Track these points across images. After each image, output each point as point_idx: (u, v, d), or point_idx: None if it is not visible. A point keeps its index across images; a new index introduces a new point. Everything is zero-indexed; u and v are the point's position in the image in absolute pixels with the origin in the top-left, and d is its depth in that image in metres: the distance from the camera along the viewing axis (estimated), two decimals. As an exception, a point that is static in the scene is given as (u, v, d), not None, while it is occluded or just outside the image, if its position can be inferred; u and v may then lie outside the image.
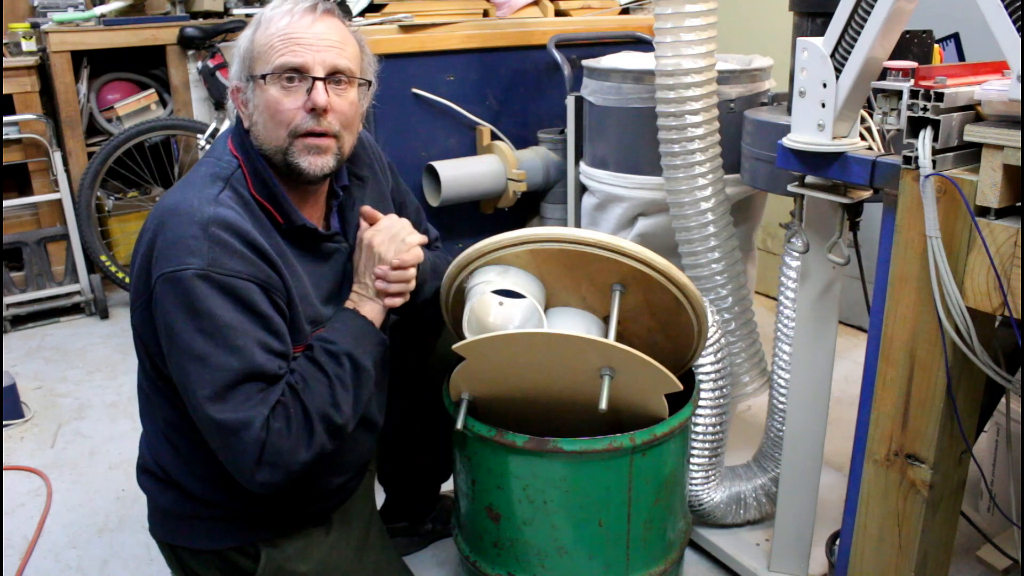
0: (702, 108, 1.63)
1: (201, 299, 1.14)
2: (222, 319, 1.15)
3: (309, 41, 1.23)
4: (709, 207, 1.69)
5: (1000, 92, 1.02)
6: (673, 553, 1.50)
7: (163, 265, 1.16)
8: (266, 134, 1.26)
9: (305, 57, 1.23)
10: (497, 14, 2.29)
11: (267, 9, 1.27)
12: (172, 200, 1.22)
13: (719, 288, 1.76)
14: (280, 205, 1.27)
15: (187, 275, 1.14)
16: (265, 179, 1.27)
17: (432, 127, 2.16)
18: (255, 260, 1.19)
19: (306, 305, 1.29)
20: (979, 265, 1.06)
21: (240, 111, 1.30)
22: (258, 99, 1.25)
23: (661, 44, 1.62)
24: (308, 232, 1.30)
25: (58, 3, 3.38)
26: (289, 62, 1.22)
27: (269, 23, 1.25)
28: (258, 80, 1.24)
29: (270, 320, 1.20)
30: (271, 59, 1.23)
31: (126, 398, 2.62)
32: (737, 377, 1.83)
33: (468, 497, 1.47)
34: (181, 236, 1.16)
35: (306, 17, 1.24)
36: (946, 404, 1.15)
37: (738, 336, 1.80)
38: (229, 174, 1.26)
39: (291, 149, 1.25)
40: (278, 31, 1.24)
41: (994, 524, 1.84)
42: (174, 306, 1.16)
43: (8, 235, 3.21)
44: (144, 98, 3.55)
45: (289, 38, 1.23)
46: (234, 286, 1.16)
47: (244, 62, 1.27)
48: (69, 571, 1.87)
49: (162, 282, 1.16)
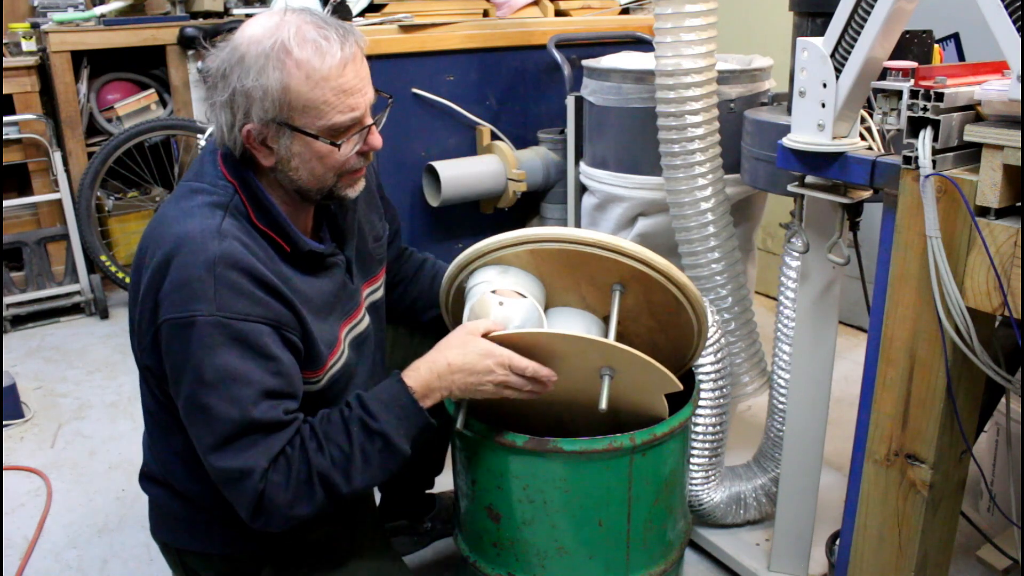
0: (702, 108, 1.63)
1: (207, 348, 1.11)
2: (226, 369, 1.12)
3: (357, 86, 1.17)
4: (709, 207, 1.69)
5: (1000, 92, 1.02)
6: (673, 553, 1.50)
7: (169, 310, 1.13)
8: (310, 178, 1.21)
9: (359, 105, 1.17)
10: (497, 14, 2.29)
11: (293, 49, 1.13)
12: (174, 233, 1.15)
13: (719, 288, 1.76)
14: (286, 234, 1.22)
15: (195, 321, 1.11)
16: (268, 207, 1.22)
17: (432, 127, 2.16)
18: (264, 298, 1.15)
19: (321, 325, 1.26)
20: (979, 265, 1.06)
21: (253, 151, 1.19)
22: (299, 147, 1.18)
23: (661, 44, 1.62)
24: (313, 254, 1.27)
25: (58, 3, 3.38)
26: (352, 118, 1.17)
27: (310, 72, 1.13)
28: (302, 133, 1.16)
29: (278, 362, 1.16)
30: (327, 116, 1.15)
31: (126, 398, 2.62)
32: (737, 377, 1.83)
33: (468, 497, 1.47)
34: (187, 278, 1.12)
35: (351, 63, 1.16)
36: (946, 404, 1.15)
37: (738, 336, 1.80)
38: (227, 201, 1.19)
39: (337, 185, 1.23)
40: (329, 85, 1.14)
41: (994, 524, 1.84)
42: (179, 353, 1.13)
43: (8, 235, 3.21)
44: (144, 98, 3.55)
45: (342, 90, 1.15)
46: (242, 331, 1.13)
47: (278, 109, 1.14)
48: (69, 571, 1.87)
49: (168, 327, 1.13)
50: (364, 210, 1.44)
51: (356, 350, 1.37)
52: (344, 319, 1.35)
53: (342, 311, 1.34)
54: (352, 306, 1.37)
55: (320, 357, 1.26)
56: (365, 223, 1.44)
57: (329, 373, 1.29)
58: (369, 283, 1.45)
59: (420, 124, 2.14)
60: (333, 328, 1.30)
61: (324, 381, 1.29)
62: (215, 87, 1.17)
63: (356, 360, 1.37)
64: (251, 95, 1.14)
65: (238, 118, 1.16)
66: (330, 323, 1.30)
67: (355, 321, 1.38)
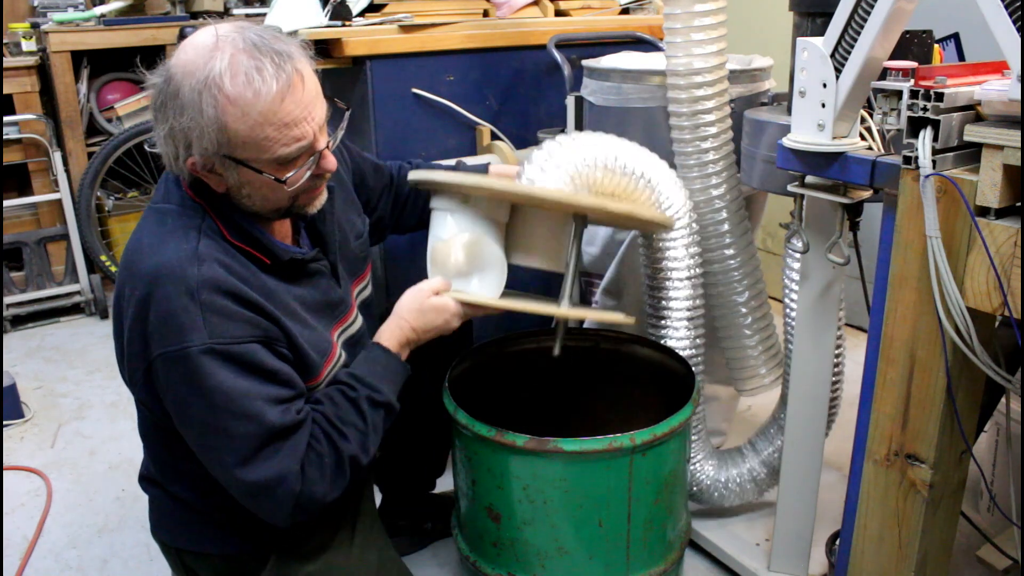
0: (714, 107, 1.63)
1: (208, 376, 1.11)
2: (233, 389, 1.12)
3: (299, 115, 1.11)
4: (724, 205, 1.70)
5: (1000, 92, 1.02)
6: (673, 553, 1.50)
7: (161, 344, 1.12)
8: (262, 203, 1.19)
9: (304, 135, 1.12)
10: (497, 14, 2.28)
11: (225, 83, 1.07)
12: (152, 264, 1.13)
13: (735, 284, 1.75)
14: (263, 246, 1.21)
15: (190, 353, 1.10)
16: (239, 223, 1.20)
17: (432, 127, 2.15)
18: (252, 317, 1.15)
19: (311, 335, 1.26)
20: (979, 265, 1.05)
21: (203, 177, 1.16)
22: (249, 178, 1.15)
23: (672, 44, 1.62)
24: (294, 262, 1.26)
25: (58, 3, 3.38)
26: (299, 148, 1.13)
27: (246, 107, 1.07)
28: (247, 167, 1.13)
29: (278, 373, 1.17)
30: (270, 150, 1.11)
31: (126, 398, 2.61)
32: (755, 369, 1.84)
33: (468, 497, 1.47)
34: (172, 310, 1.10)
35: (284, 95, 1.09)
36: (946, 404, 1.15)
37: (754, 329, 1.80)
38: (199, 222, 1.17)
39: (294, 205, 1.22)
40: (268, 120, 1.09)
41: (994, 524, 1.84)
42: (181, 386, 1.13)
43: (8, 235, 3.21)
44: (144, 98, 3.54)
45: (283, 124, 1.10)
46: (237, 353, 1.13)
47: (215, 144, 1.10)
48: (69, 571, 1.87)
49: (162, 362, 1.12)
50: (343, 210, 1.43)
51: (351, 350, 1.38)
52: (335, 323, 1.35)
53: (332, 316, 1.35)
54: (343, 309, 1.38)
55: (314, 366, 1.26)
56: (345, 223, 1.43)
57: (328, 377, 1.30)
58: (357, 282, 1.45)
59: (420, 124, 2.13)
60: (324, 334, 1.30)
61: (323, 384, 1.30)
62: (155, 118, 1.14)
63: (352, 359, 1.37)
64: (189, 133, 1.10)
65: (180, 151, 1.13)
66: (320, 330, 1.29)
67: (348, 323, 1.39)
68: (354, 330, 1.40)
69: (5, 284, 3.19)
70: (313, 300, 1.30)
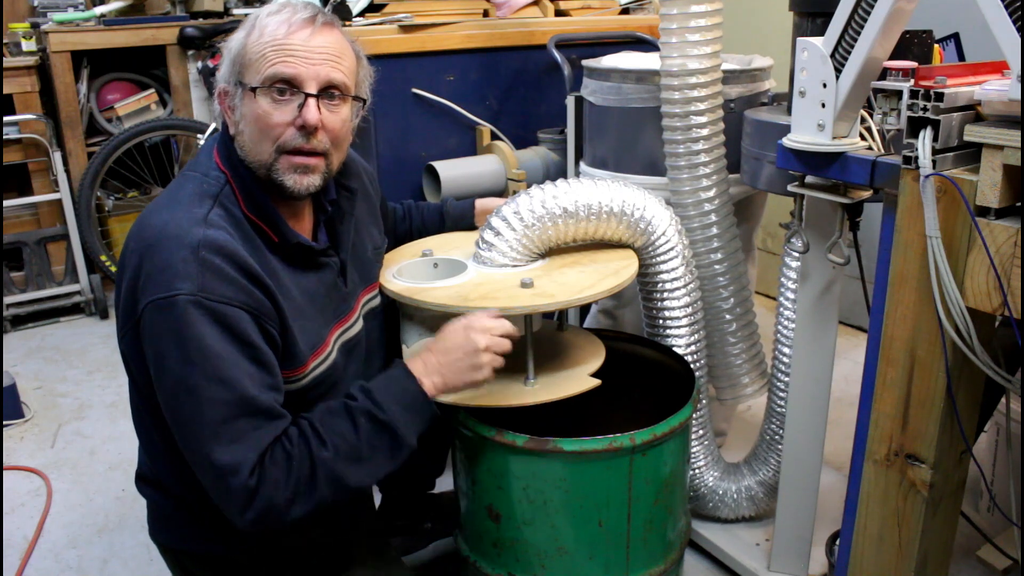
0: (707, 108, 1.63)
1: (191, 326, 1.09)
2: (210, 348, 1.10)
3: (304, 53, 1.17)
4: (712, 208, 1.69)
5: (1000, 92, 1.02)
6: (673, 553, 1.50)
7: (152, 291, 1.11)
8: (252, 146, 1.21)
9: (299, 69, 1.17)
10: (497, 14, 2.29)
11: (263, 13, 1.20)
12: (159, 221, 1.16)
13: (720, 289, 1.75)
14: (274, 223, 1.22)
15: (177, 301, 1.09)
16: (256, 195, 1.22)
17: (432, 127, 2.16)
18: (247, 286, 1.14)
19: (305, 324, 1.25)
20: (979, 265, 1.05)
21: (226, 116, 1.24)
22: (246, 108, 1.19)
23: (667, 44, 1.62)
24: (302, 248, 1.26)
25: (58, 3, 3.38)
26: (281, 72, 1.16)
27: (264, 29, 1.18)
28: (247, 89, 1.19)
29: (259, 351, 1.15)
30: (262, 69, 1.17)
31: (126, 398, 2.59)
32: (737, 378, 1.83)
33: (468, 497, 1.47)
34: (170, 260, 1.11)
35: (304, 29, 1.18)
36: (946, 404, 1.15)
37: (739, 337, 1.80)
38: (218, 191, 1.20)
39: (276, 165, 1.20)
40: (272, 39, 1.17)
41: (994, 524, 1.84)
42: (163, 334, 1.11)
43: (8, 235, 3.21)
44: (144, 98, 3.55)
45: (283, 48, 1.17)
46: (225, 313, 1.11)
47: (234, 66, 1.20)
48: (69, 571, 1.87)
49: (151, 309, 1.11)
50: (366, 219, 1.45)
51: (345, 355, 1.36)
52: (335, 322, 1.34)
53: (333, 313, 1.33)
54: (345, 309, 1.37)
55: (300, 356, 1.23)
56: (365, 233, 1.45)
57: (313, 374, 1.27)
58: (368, 290, 1.44)
59: (420, 124, 2.13)
60: (320, 329, 1.29)
61: (307, 380, 1.26)
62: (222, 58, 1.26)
63: (344, 364, 1.35)
64: (226, 56, 1.23)
65: (218, 81, 1.24)
66: (317, 324, 1.28)
67: (347, 325, 1.37)
68: (352, 334, 1.39)
69: (5, 284, 3.19)
70: (315, 291, 1.29)
